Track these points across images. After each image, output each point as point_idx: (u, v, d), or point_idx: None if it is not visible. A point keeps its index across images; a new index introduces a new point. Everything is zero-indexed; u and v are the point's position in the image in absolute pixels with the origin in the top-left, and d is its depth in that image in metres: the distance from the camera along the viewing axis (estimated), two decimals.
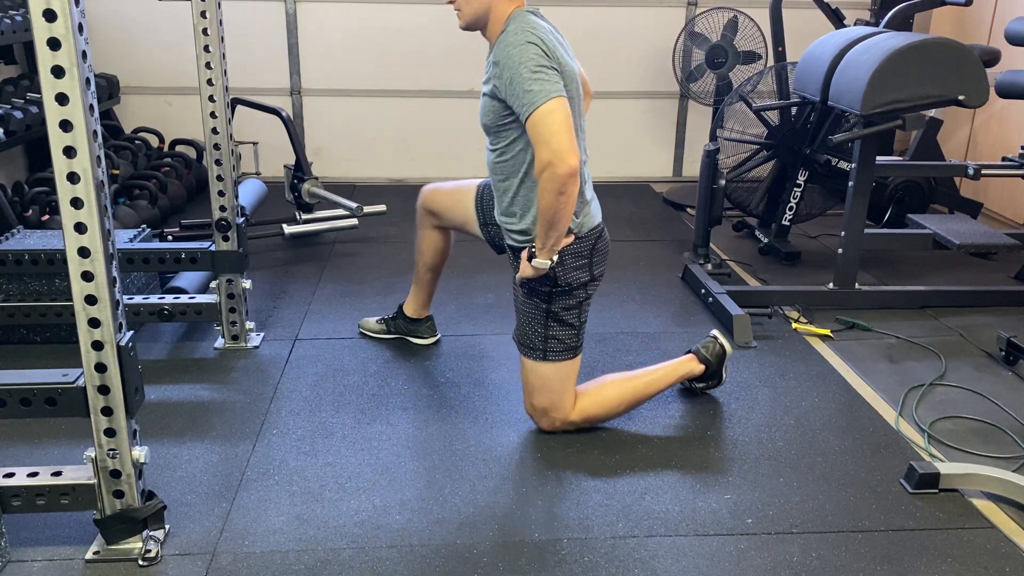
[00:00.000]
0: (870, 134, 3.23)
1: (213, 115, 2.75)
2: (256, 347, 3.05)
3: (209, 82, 2.71)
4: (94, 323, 1.74)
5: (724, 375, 2.72)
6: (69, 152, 1.62)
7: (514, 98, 2.13)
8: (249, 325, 3.07)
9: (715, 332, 2.72)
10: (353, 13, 5.24)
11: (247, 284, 2.98)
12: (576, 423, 2.48)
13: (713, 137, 4.36)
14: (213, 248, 2.90)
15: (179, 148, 5.11)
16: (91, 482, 1.87)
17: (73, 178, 1.64)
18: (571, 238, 2.31)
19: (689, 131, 5.66)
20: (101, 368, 1.77)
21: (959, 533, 2.10)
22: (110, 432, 1.83)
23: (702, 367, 2.66)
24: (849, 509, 2.18)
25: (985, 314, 3.46)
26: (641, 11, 5.37)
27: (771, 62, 4.54)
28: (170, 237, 3.72)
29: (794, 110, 4.14)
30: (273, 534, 2.05)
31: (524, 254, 2.29)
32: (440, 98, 5.41)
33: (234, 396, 2.71)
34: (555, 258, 2.24)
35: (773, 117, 4.18)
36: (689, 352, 2.70)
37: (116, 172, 4.28)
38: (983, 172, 3.48)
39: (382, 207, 4.31)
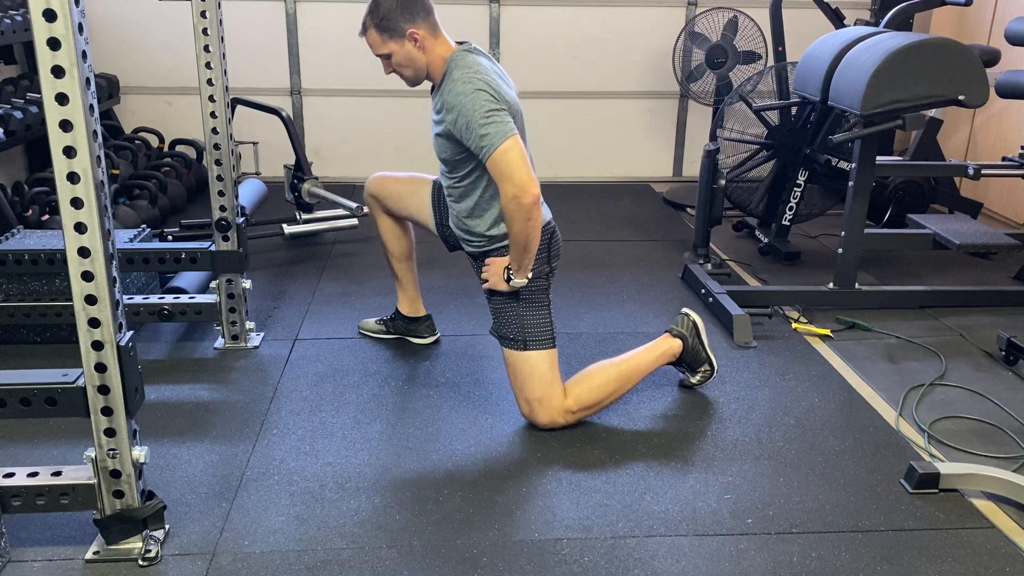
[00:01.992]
0: (870, 134, 3.23)
1: (213, 115, 2.75)
2: (256, 347, 3.05)
3: (209, 82, 2.71)
4: (94, 323, 1.74)
5: (713, 359, 2.73)
6: (69, 152, 1.62)
7: (471, 141, 2.30)
8: (249, 325, 3.07)
9: (685, 309, 2.78)
10: (353, 13, 5.20)
11: (247, 284, 2.98)
12: (573, 411, 2.49)
13: (713, 137, 4.37)
14: (213, 248, 2.90)
15: (179, 148, 5.11)
16: (91, 482, 1.87)
17: (73, 178, 1.64)
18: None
19: (689, 131, 5.67)
20: (101, 368, 1.77)
21: (959, 533, 2.10)
22: (110, 432, 1.83)
23: (679, 342, 2.70)
24: (849, 509, 2.18)
25: (985, 314, 3.46)
26: (641, 11, 5.37)
27: (771, 62, 4.54)
28: (170, 237, 3.72)
29: (794, 110, 4.14)
30: (273, 534, 2.05)
31: (492, 270, 2.46)
32: None
33: (234, 396, 2.71)
34: (530, 275, 2.41)
35: (773, 117, 4.18)
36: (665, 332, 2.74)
37: (116, 172, 4.28)
38: (983, 172, 3.48)
39: None
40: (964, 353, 3.12)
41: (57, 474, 1.90)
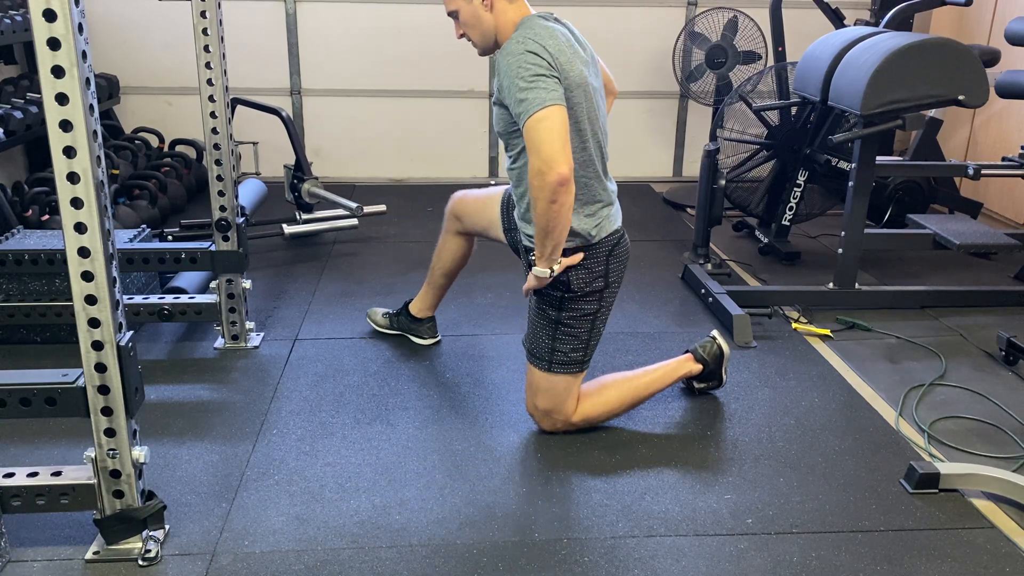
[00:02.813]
0: (870, 134, 3.23)
1: (213, 115, 2.75)
2: (256, 347, 3.05)
3: (209, 82, 2.71)
4: (94, 323, 1.74)
5: (725, 377, 2.73)
6: (69, 152, 1.62)
7: (512, 106, 2.14)
8: (249, 325, 3.07)
9: (714, 332, 2.73)
10: (353, 13, 5.23)
11: (247, 284, 2.98)
12: (577, 424, 2.48)
13: (713, 137, 4.36)
14: (213, 248, 2.90)
15: (179, 148, 5.11)
16: (91, 482, 1.87)
17: (73, 178, 1.64)
18: (579, 256, 2.29)
19: (689, 131, 5.67)
20: (101, 368, 1.77)
21: (959, 533, 2.10)
22: (110, 432, 1.83)
23: (699, 367, 2.67)
24: (849, 509, 2.18)
25: (985, 314, 3.46)
26: (641, 11, 5.37)
27: (771, 62, 4.54)
28: (170, 237, 3.72)
29: (794, 110, 4.14)
30: (273, 534, 2.05)
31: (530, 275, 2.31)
32: (440, 98, 5.41)
33: (234, 396, 2.71)
34: (555, 267, 2.24)
35: (773, 117, 4.18)
36: (687, 352, 2.71)
37: (116, 172, 4.28)
38: (983, 172, 3.48)
39: (382, 207, 4.31)
40: (964, 353, 3.12)
41: (57, 474, 1.90)
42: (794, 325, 3.30)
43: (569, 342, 2.37)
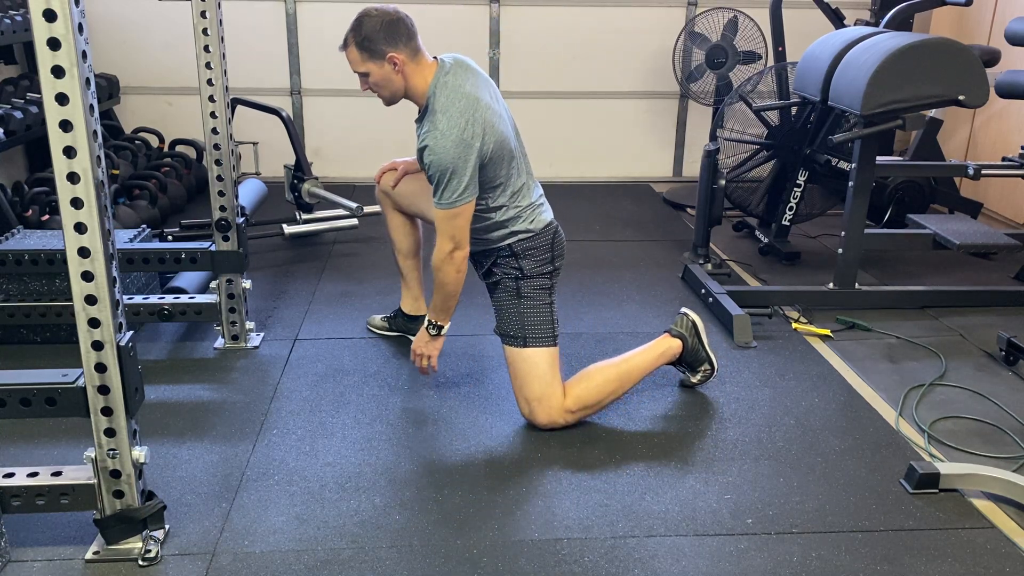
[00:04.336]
0: (870, 134, 3.23)
1: (213, 115, 2.75)
2: (256, 347, 3.05)
3: (209, 82, 2.71)
4: (94, 323, 1.74)
5: (713, 359, 2.73)
6: (69, 152, 1.62)
7: (435, 188, 2.36)
8: (249, 325, 3.07)
9: (684, 308, 2.78)
10: (352, 13, 5.21)
11: (247, 284, 2.98)
12: (573, 411, 2.49)
13: (713, 137, 4.36)
14: (213, 248, 2.90)
15: (179, 148, 5.11)
16: (91, 482, 1.87)
17: (73, 178, 1.64)
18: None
19: (689, 131, 5.67)
20: (101, 368, 1.77)
21: (959, 533, 2.10)
22: (110, 432, 1.83)
23: (678, 342, 2.70)
24: (849, 509, 2.18)
25: (985, 314, 3.46)
26: (641, 11, 5.37)
27: (771, 62, 4.54)
28: (170, 237, 3.71)
29: (794, 110, 4.14)
30: (273, 534, 2.05)
31: (418, 342, 2.58)
32: None
33: (234, 396, 2.71)
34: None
35: (773, 117, 4.18)
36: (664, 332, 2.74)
37: (116, 172, 4.28)
38: (983, 172, 3.48)
39: None
40: (964, 353, 3.12)
41: (57, 474, 1.90)
42: (794, 325, 3.30)
43: (535, 314, 2.49)
